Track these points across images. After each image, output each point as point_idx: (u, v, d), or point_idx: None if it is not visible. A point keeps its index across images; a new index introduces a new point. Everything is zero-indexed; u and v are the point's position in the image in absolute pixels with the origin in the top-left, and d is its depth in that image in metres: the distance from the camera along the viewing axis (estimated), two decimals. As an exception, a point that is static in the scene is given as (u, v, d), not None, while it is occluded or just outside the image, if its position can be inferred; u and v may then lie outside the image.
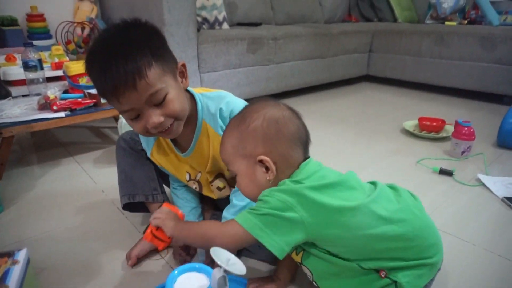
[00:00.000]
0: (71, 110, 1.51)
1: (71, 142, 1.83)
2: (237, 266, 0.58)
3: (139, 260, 0.95)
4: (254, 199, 0.71)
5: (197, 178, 1.00)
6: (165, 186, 1.11)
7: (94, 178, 1.44)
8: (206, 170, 0.96)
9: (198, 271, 0.63)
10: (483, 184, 1.39)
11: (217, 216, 1.08)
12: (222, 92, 0.91)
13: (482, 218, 1.19)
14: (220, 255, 0.57)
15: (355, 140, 1.90)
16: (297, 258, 0.74)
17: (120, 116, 1.57)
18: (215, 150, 0.89)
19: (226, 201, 0.98)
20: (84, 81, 1.74)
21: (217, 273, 0.57)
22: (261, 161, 0.69)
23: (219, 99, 0.88)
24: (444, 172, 1.49)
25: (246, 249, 0.95)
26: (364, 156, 1.70)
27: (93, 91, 1.69)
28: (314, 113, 2.38)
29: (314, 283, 0.76)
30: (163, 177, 1.09)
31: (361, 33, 3.08)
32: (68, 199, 1.29)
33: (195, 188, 1.02)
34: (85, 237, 1.07)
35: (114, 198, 1.25)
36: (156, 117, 0.74)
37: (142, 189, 1.02)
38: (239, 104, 0.86)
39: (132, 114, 0.75)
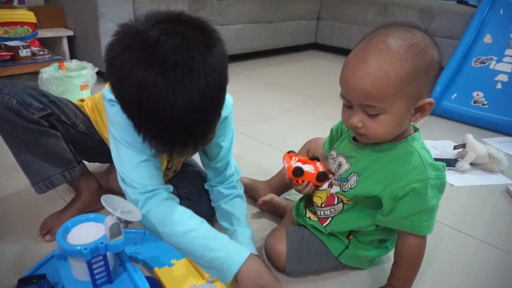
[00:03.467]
0: (-17, 62, 1.37)
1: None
2: (132, 213, 0.56)
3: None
4: (385, 138, 0.65)
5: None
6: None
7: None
8: None
9: (95, 221, 0.60)
10: (408, 147, 1.47)
11: None
12: None
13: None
14: (112, 202, 0.54)
15: (297, 105, 1.91)
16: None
17: (41, 70, 1.44)
18: None
19: None
20: (1, 32, 1.58)
21: (109, 220, 0.54)
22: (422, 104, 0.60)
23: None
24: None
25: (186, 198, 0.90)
26: (303, 120, 1.72)
27: (12, 43, 1.54)
28: (258, 79, 2.35)
29: (324, 223, 0.78)
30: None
31: (310, -1, 3.05)
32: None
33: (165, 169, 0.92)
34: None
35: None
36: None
37: (55, 169, 0.84)
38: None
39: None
